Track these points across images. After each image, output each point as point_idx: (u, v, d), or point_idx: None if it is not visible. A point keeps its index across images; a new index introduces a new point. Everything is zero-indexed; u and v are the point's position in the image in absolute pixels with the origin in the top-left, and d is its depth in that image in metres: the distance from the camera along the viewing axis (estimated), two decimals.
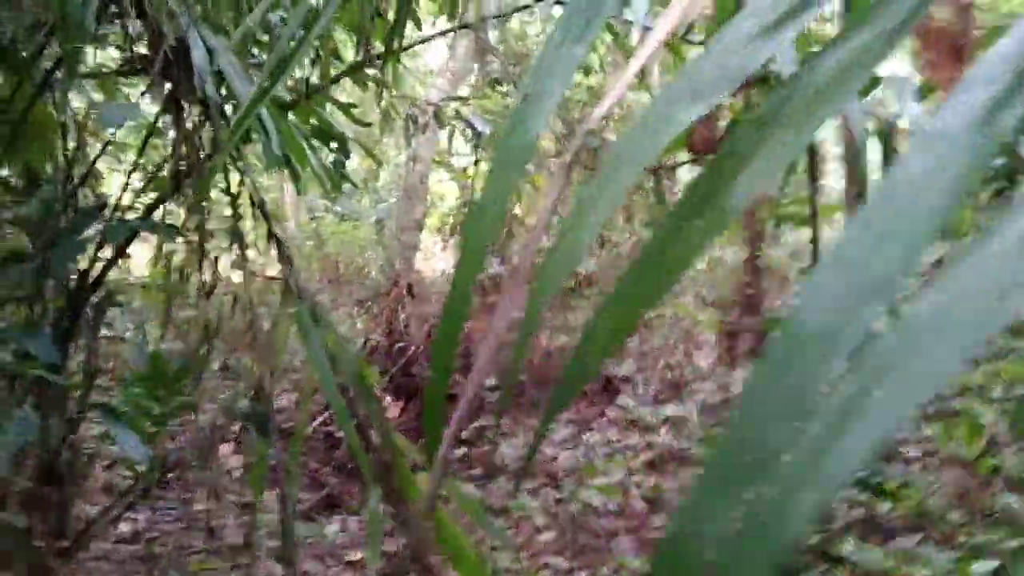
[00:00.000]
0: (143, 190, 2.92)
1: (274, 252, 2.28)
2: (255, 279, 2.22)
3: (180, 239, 2.46)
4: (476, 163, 7.76)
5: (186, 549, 4.14)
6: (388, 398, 6.35)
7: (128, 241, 2.47)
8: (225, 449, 4.20)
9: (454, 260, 7.45)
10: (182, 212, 2.75)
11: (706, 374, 6.46)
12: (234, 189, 2.24)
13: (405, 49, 3.03)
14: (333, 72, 3.13)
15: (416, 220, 7.10)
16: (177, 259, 2.73)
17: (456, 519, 2.46)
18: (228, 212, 2.44)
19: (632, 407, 5.79)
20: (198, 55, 1.88)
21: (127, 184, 2.95)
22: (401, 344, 6.47)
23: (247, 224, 2.44)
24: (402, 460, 2.08)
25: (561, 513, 4.73)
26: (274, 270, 2.35)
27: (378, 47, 2.79)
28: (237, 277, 2.37)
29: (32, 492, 2.24)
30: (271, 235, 2.17)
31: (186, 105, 2.05)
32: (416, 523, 2.08)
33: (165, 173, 2.74)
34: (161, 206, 2.65)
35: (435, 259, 8.13)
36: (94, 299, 2.73)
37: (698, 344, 7.13)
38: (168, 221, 2.51)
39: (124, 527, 4.11)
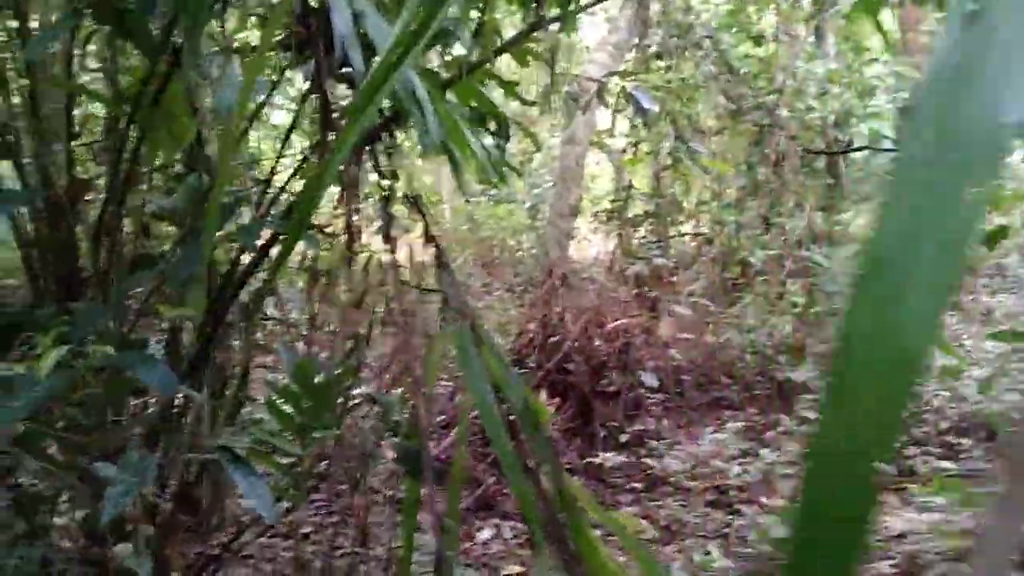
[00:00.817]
0: (291, 178, 2.66)
1: (431, 256, 1.94)
2: (408, 289, 1.89)
3: (326, 239, 2.16)
4: (636, 145, 7.28)
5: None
6: (543, 395, 6.01)
7: (270, 243, 2.19)
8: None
9: (612, 245, 7.00)
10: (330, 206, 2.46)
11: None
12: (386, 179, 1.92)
13: (583, 9, 2.62)
14: (495, 45, 2.78)
15: (571, 206, 6.70)
16: (324, 259, 2.43)
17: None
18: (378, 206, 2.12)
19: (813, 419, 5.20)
20: (341, 22, 1.55)
21: (273, 171, 2.69)
22: (555, 338, 6.10)
23: (399, 218, 2.12)
24: (581, 518, 1.70)
25: (733, 539, 4.25)
26: (427, 277, 2.01)
27: (550, 12, 2.39)
28: (389, 283, 2.05)
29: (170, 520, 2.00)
30: (428, 237, 1.83)
31: (329, 82, 1.73)
32: None
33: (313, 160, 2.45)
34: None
35: (589, 246, 7.70)
36: (239, 302, 2.49)
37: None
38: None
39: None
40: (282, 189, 2.52)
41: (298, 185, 2.56)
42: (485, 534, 4.60)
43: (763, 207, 7.54)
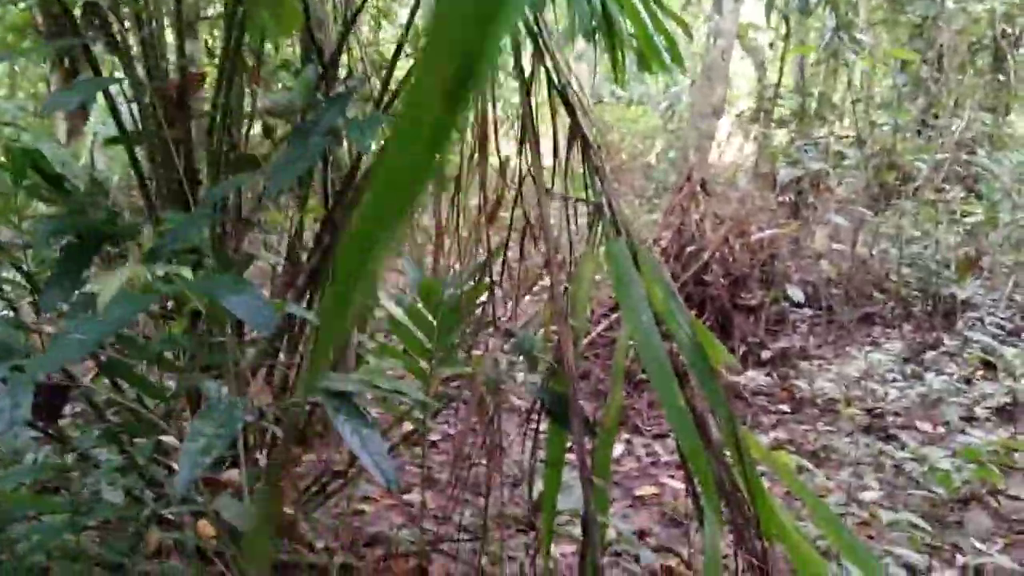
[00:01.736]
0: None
1: (578, 158, 1.59)
2: (552, 197, 1.56)
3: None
4: (787, 37, 6.59)
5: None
6: None
7: None
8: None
9: (755, 148, 6.44)
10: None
11: None
12: (526, 67, 1.56)
13: None
14: None
15: (714, 105, 6.14)
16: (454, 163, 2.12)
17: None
18: (516, 99, 1.78)
19: (981, 340, 4.64)
20: None
21: (396, 59, 2.35)
22: (692, 247, 5.67)
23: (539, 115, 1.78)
24: (762, 487, 1.37)
25: (889, 468, 3.84)
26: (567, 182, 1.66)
27: None
28: (526, 192, 1.72)
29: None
30: (576, 135, 1.48)
31: None
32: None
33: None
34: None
35: (731, 149, 7.12)
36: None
37: None
38: None
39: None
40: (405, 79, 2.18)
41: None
42: (616, 450, 4.33)
43: (922, 107, 6.76)
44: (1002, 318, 5.04)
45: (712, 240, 5.63)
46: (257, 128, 2.26)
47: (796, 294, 5.16)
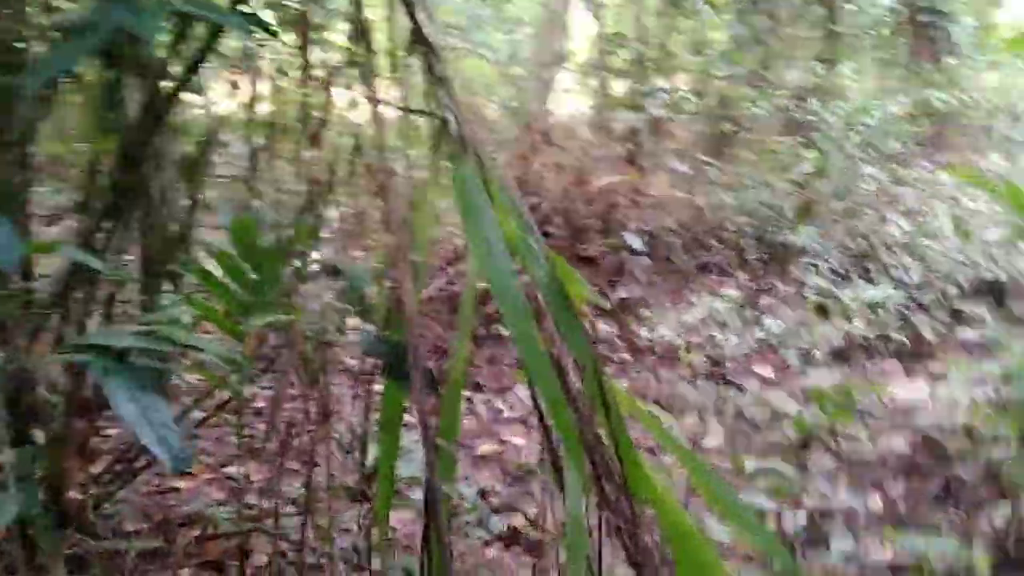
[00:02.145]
0: None
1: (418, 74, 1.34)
2: (386, 113, 1.31)
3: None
4: None
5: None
6: None
7: (204, 52, 1.57)
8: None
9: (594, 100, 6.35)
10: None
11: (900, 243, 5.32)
12: None
13: None
14: None
15: (555, 54, 6.00)
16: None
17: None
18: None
19: (815, 285, 4.77)
20: None
21: None
22: (533, 199, 5.53)
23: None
24: (630, 443, 1.20)
25: (731, 413, 3.86)
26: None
27: None
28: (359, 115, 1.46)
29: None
30: (418, 40, 1.24)
31: None
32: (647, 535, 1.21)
33: None
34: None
35: (571, 99, 7.01)
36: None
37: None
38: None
39: None
40: None
41: None
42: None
43: (758, 58, 6.89)
44: (834, 264, 5.21)
45: (553, 191, 5.52)
46: None
47: (635, 243, 5.13)
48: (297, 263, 1.84)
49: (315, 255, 1.92)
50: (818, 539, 2.95)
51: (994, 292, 4.99)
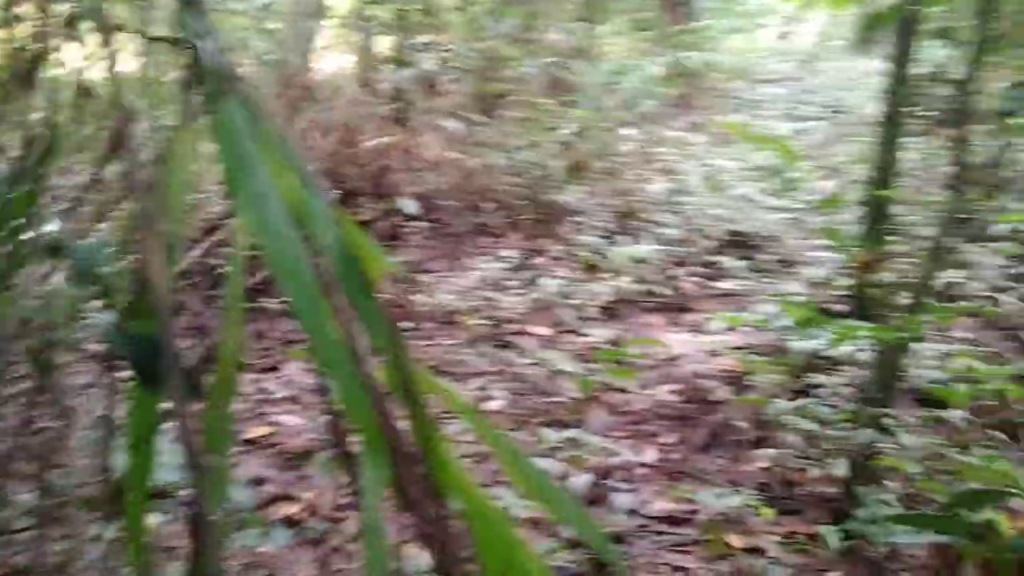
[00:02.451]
0: None
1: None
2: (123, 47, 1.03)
3: None
4: None
5: None
6: None
7: None
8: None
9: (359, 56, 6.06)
10: None
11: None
12: None
13: None
14: None
15: (315, 4, 5.65)
16: None
17: None
18: None
19: (585, 243, 4.85)
20: None
21: None
22: None
23: None
24: (436, 432, 1.05)
25: (510, 374, 3.84)
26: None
27: None
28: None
29: None
30: None
31: None
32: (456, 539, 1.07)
33: None
34: None
35: (334, 53, 6.66)
36: None
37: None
38: None
39: None
40: None
41: None
42: None
43: (522, 17, 6.89)
44: (601, 222, 5.33)
45: (319, 151, 5.22)
46: None
47: (409, 207, 4.97)
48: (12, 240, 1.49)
49: (39, 229, 1.58)
50: (600, 497, 2.98)
51: (744, 244, 5.33)
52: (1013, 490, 2.40)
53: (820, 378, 3.53)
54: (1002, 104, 5.32)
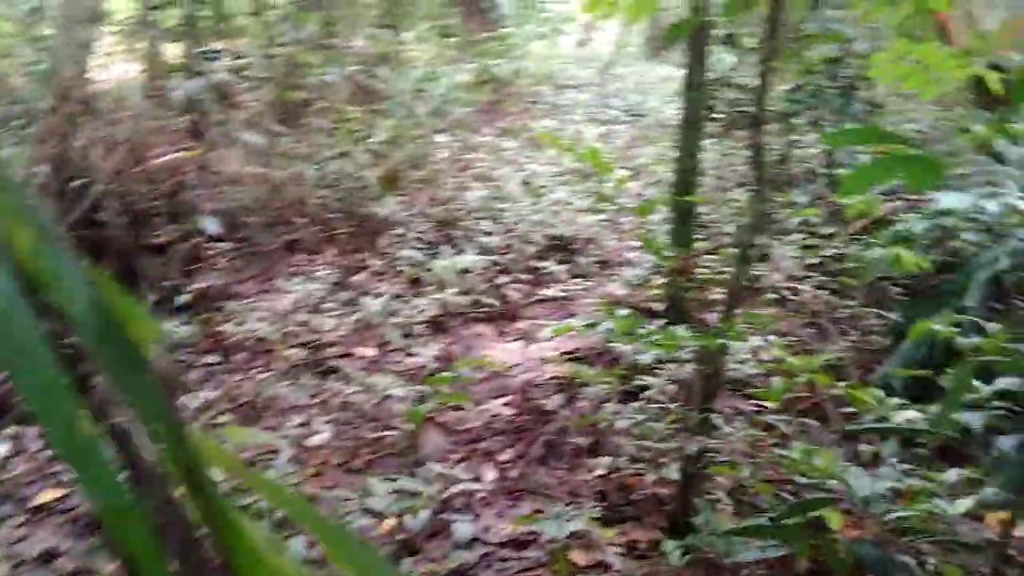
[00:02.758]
0: None
1: None
2: None
3: None
4: None
5: None
6: None
7: None
8: None
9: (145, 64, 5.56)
10: None
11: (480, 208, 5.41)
12: None
13: None
14: None
15: (89, 9, 5.10)
16: None
17: None
18: None
19: (406, 257, 4.64)
20: None
21: None
22: (79, 181, 4.68)
23: None
24: (236, 524, 0.82)
25: (333, 404, 3.57)
26: None
27: None
28: None
29: None
30: None
31: None
32: None
33: None
34: None
35: (114, 65, 6.05)
36: None
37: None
38: None
39: None
40: None
41: None
42: (1, 449, 3.32)
43: (321, 22, 6.58)
44: (422, 233, 5.13)
45: (102, 171, 4.71)
46: None
47: (211, 226, 4.56)
48: None
49: None
50: (441, 530, 2.80)
51: (564, 248, 5.30)
52: (833, 488, 2.44)
53: (648, 379, 3.51)
54: (786, 107, 5.60)
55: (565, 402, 3.68)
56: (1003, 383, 2.26)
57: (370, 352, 3.98)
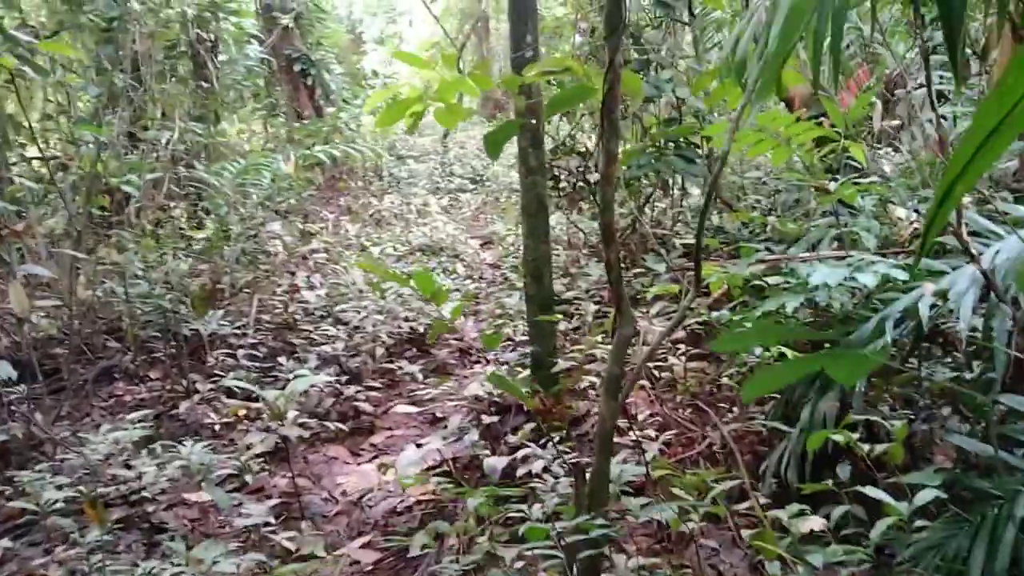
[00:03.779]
0: None
1: None
2: None
3: None
4: None
5: None
6: None
7: None
8: None
9: None
10: None
11: None
12: None
13: None
14: None
15: None
16: None
17: None
18: None
19: (237, 385, 3.99)
20: None
21: None
22: None
23: None
24: None
25: None
26: None
27: None
28: None
29: None
30: None
31: None
32: None
33: None
34: None
35: None
36: None
37: None
38: None
39: None
40: None
41: None
42: None
43: (127, 120, 5.88)
44: (253, 344, 4.50)
45: None
46: None
47: (4, 369, 3.76)
48: None
49: None
50: None
51: (416, 343, 4.80)
52: None
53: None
54: (628, 172, 5.37)
55: (432, 539, 3.14)
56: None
57: (203, 498, 3.32)
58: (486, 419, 3.79)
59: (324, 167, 7.34)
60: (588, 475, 2.26)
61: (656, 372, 4.08)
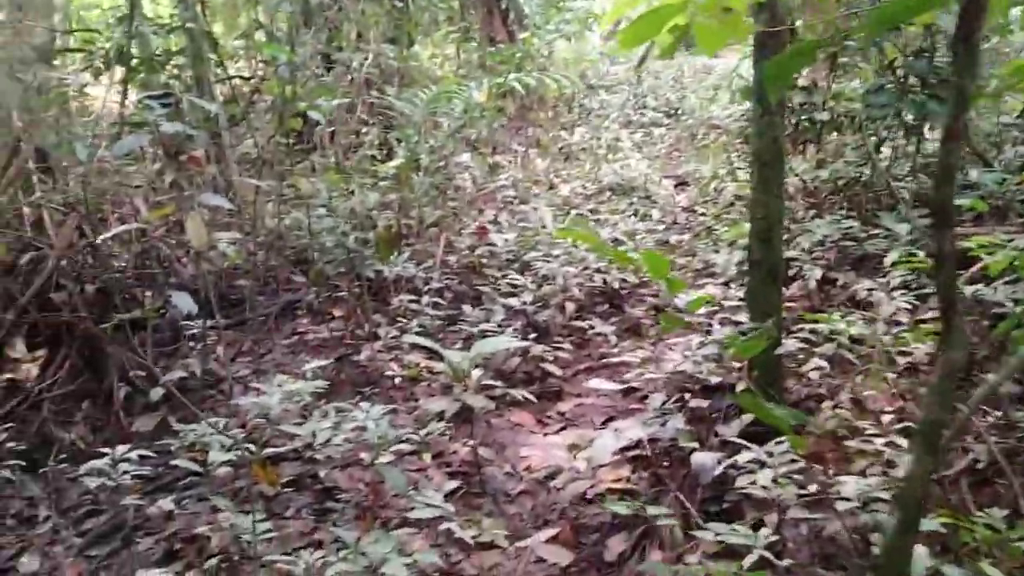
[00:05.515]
0: None
1: None
2: None
3: None
4: None
5: None
6: (19, 346, 3.58)
7: None
8: None
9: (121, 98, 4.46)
10: None
11: None
12: None
13: None
14: None
15: (40, 47, 4.07)
16: None
17: None
18: None
19: (417, 337, 3.52)
20: None
21: None
22: (31, 253, 3.65)
23: None
24: None
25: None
26: None
27: None
28: None
29: None
30: None
31: None
32: None
33: None
34: None
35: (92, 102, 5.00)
36: None
37: None
38: None
39: None
40: None
41: None
42: None
43: (321, 41, 5.46)
44: (438, 289, 4.01)
45: (58, 239, 3.66)
46: None
47: (185, 302, 3.42)
48: None
49: None
50: None
51: (609, 298, 4.16)
52: None
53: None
54: (863, 111, 4.41)
55: (627, 541, 2.56)
56: None
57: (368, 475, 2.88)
58: (692, 402, 3.11)
59: (515, 96, 6.72)
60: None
61: (892, 353, 3.23)
